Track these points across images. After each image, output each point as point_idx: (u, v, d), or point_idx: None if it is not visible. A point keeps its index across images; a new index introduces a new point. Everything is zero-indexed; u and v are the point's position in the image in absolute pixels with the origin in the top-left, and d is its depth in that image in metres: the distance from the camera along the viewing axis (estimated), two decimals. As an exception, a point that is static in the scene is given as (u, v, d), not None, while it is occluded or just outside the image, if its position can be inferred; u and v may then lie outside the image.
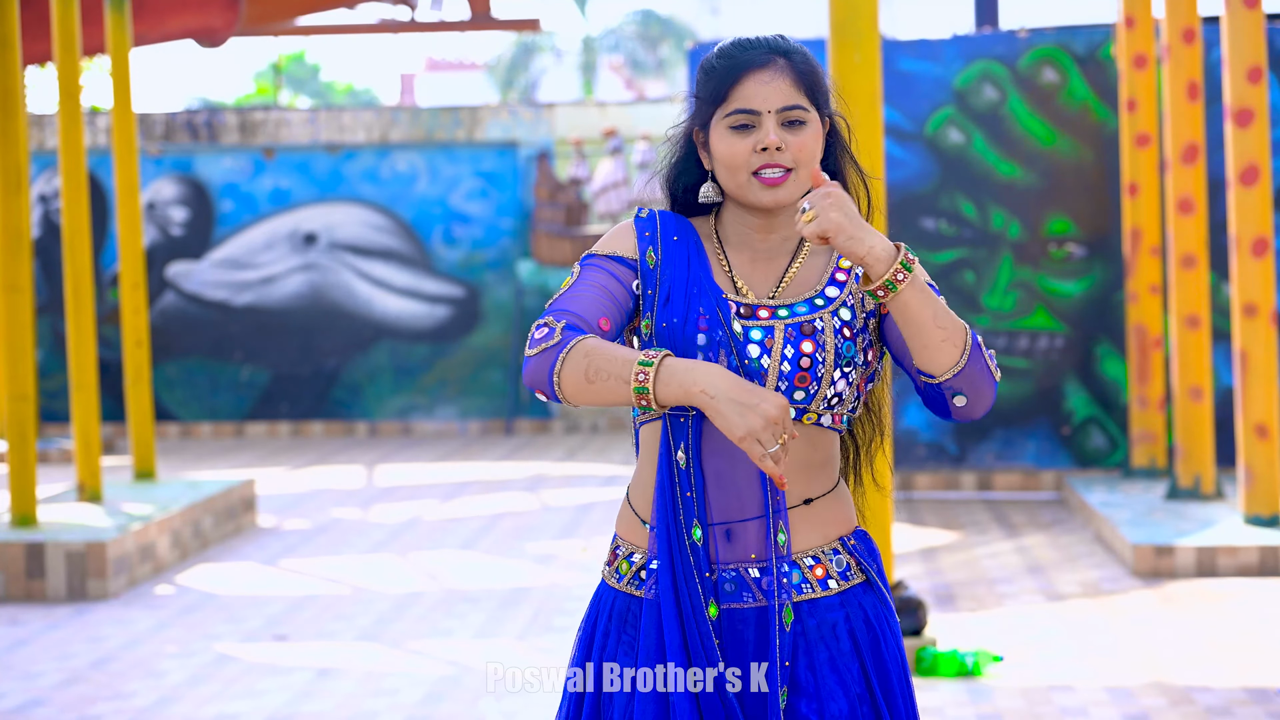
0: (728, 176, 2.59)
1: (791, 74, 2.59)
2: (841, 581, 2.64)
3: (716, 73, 2.59)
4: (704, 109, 2.60)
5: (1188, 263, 8.77)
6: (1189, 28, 8.71)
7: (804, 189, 2.59)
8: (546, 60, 39.08)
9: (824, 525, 2.64)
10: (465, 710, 5.84)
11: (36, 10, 10.15)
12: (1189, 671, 6.11)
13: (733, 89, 2.57)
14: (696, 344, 2.54)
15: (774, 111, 2.56)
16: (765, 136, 2.55)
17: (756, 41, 2.62)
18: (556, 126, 15.08)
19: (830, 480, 2.65)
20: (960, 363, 2.50)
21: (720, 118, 2.58)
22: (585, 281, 2.58)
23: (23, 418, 8.22)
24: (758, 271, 2.62)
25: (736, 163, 2.57)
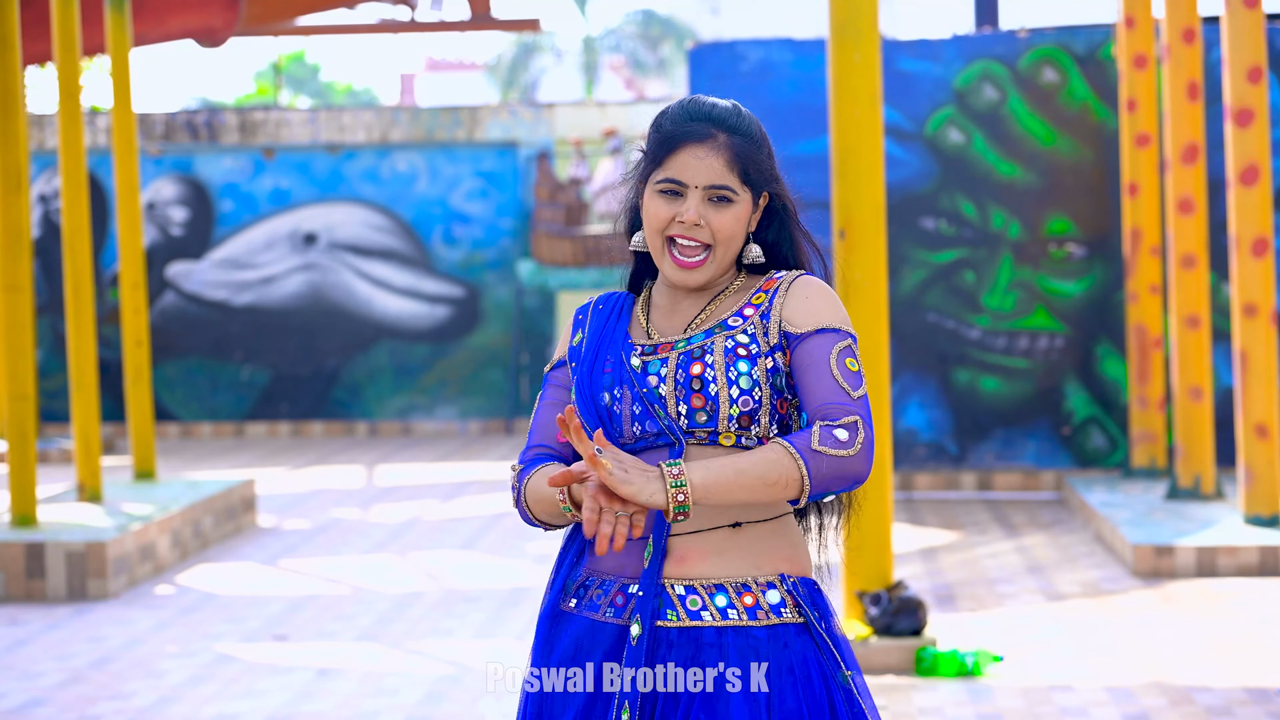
0: (649, 236, 2.68)
1: (729, 152, 2.65)
2: (773, 616, 2.61)
3: (660, 135, 2.68)
4: (646, 165, 2.70)
5: (1188, 263, 8.77)
6: (1189, 28, 8.71)
7: (724, 266, 2.68)
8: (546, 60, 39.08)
9: (758, 556, 2.63)
10: (465, 710, 5.84)
11: (36, 10, 10.15)
12: (1189, 671, 6.11)
13: (669, 157, 2.66)
14: (604, 384, 2.66)
15: (700, 188, 2.64)
16: (686, 211, 2.64)
17: (705, 112, 2.67)
18: (556, 126, 15.08)
19: (767, 509, 2.65)
20: (807, 489, 2.53)
21: (653, 180, 2.67)
22: (542, 405, 2.74)
23: (23, 418, 8.22)
24: (674, 319, 2.71)
25: (656, 225, 2.66)
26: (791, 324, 2.64)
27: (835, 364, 2.59)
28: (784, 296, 2.66)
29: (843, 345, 2.62)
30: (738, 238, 2.67)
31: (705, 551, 2.61)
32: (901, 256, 10.39)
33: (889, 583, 6.28)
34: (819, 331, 2.62)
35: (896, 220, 10.27)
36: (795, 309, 2.65)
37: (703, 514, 2.60)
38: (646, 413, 2.63)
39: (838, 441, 2.52)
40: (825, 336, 2.62)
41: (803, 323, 2.63)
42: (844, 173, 6.22)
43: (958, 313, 10.45)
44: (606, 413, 2.66)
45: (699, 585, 2.61)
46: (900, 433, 10.35)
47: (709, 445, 2.62)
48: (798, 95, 10.49)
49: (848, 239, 6.20)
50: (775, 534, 2.65)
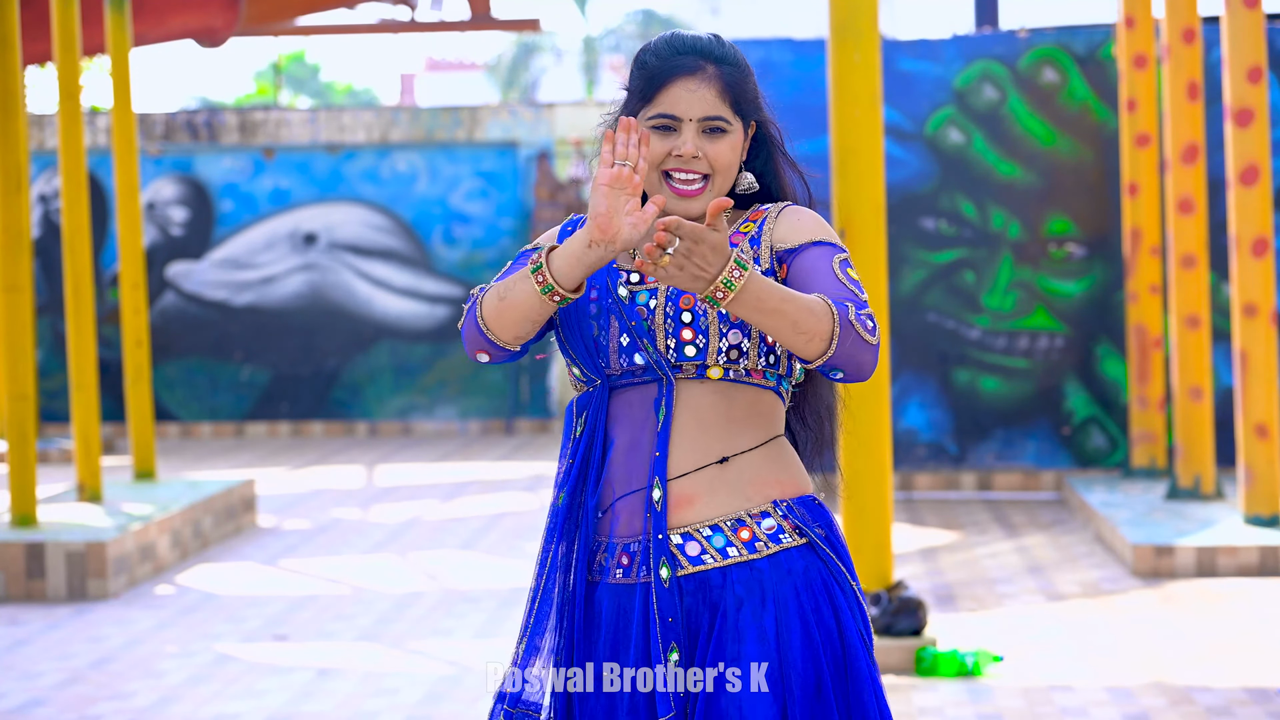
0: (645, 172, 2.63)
1: (719, 83, 2.66)
2: (771, 544, 2.59)
3: (647, 71, 2.64)
4: (633, 103, 2.66)
5: (1188, 263, 8.77)
6: (1189, 28, 8.71)
7: (720, 195, 2.64)
8: (547, 60, 39.08)
9: (748, 486, 2.61)
10: (465, 710, 5.84)
11: (36, 10, 10.15)
12: (1189, 671, 6.11)
13: (659, 92, 2.63)
14: (589, 313, 2.62)
15: (695, 120, 2.63)
16: (683, 145, 2.62)
17: (690, 44, 2.67)
18: (556, 126, 15.08)
19: (755, 437, 2.62)
20: (828, 353, 2.48)
21: (644, 117, 2.64)
22: (512, 268, 2.67)
23: (23, 418, 8.22)
24: None
25: (652, 161, 2.62)
26: (784, 242, 2.62)
27: (839, 270, 2.58)
28: (774, 223, 2.65)
29: (841, 257, 2.60)
30: (734, 166, 2.67)
31: (694, 495, 2.58)
32: (901, 256, 10.39)
33: (889, 583, 6.28)
34: (815, 244, 2.61)
35: (896, 220, 10.27)
36: (786, 230, 2.64)
37: (690, 451, 2.58)
38: (634, 345, 2.60)
39: (867, 328, 2.49)
40: (821, 248, 2.61)
41: (795, 239, 2.62)
42: (844, 173, 6.23)
43: (958, 313, 10.45)
44: (593, 344, 2.62)
45: (694, 530, 2.59)
46: (900, 433, 10.35)
47: (697, 380, 2.59)
48: (798, 95, 10.49)
49: (848, 239, 6.20)
50: (765, 459, 2.62)
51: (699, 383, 2.59)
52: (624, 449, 2.61)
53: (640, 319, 2.60)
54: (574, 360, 2.64)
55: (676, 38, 2.67)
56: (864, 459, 6.13)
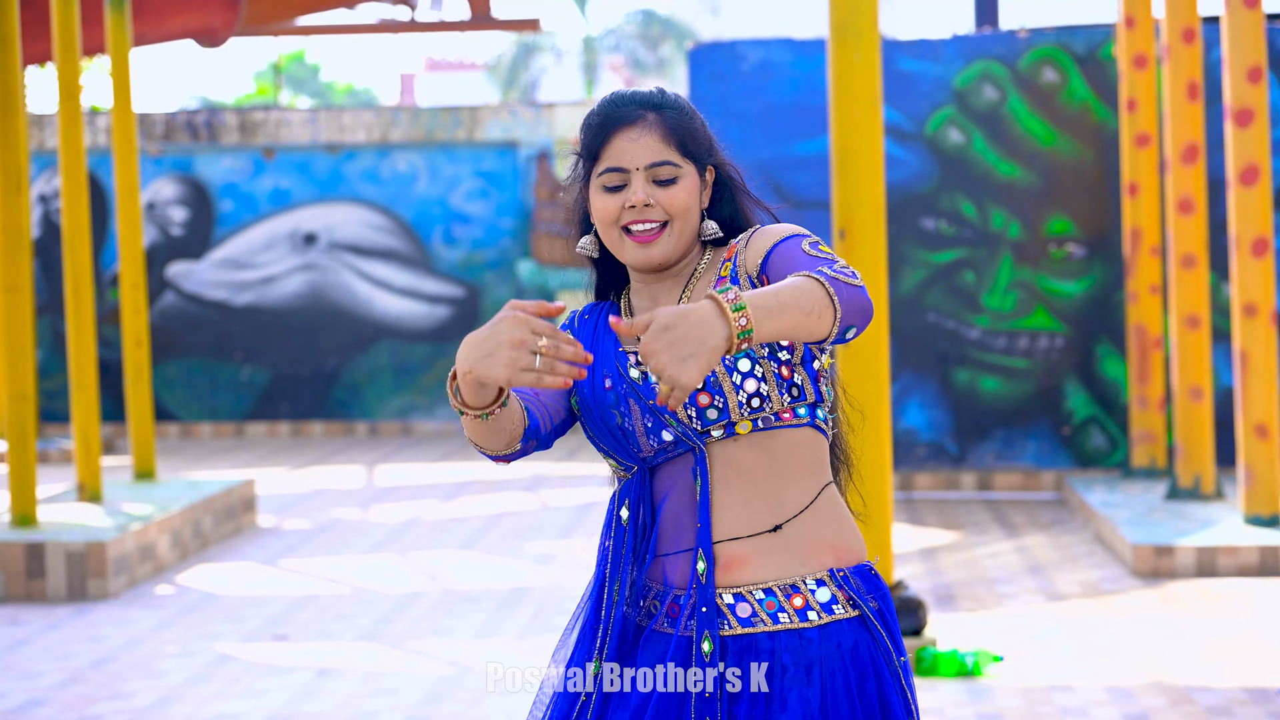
0: (603, 233, 2.62)
1: (661, 128, 2.61)
2: (824, 615, 2.54)
3: (590, 130, 2.62)
4: (584, 166, 2.64)
5: (1188, 263, 8.77)
6: (1189, 28, 8.71)
7: (684, 242, 2.61)
8: (547, 60, 39.09)
9: (803, 550, 2.55)
10: (465, 710, 5.84)
11: (36, 10, 10.15)
12: (1189, 671, 6.11)
13: (604, 147, 2.60)
14: (609, 403, 2.58)
15: (642, 169, 2.59)
16: (634, 194, 2.58)
17: (629, 97, 2.63)
18: (557, 126, 15.08)
19: (804, 489, 2.57)
20: (838, 315, 2.43)
21: (595, 177, 2.61)
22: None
23: (23, 418, 8.22)
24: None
25: (607, 220, 2.59)
26: (755, 258, 2.58)
27: (809, 250, 2.54)
28: (744, 250, 2.61)
29: (809, 240, 2.56)
30: (692, 210, 2.62)
31: (749, 556, 2.54)
32: (901, 256, 10.39)
33: (889, 583, 6.28)
34: (780, 241, 2.58)
35: (896, 220, 10.27)
36: (753, 250, 2.60)
37: (740, 511, 2.53)
38: (659, 423, 2.56)
39: (848, 274, 2.45)
40: (789, 240, 2.57)
41: (762, 249, 2.58)
42: (844, 173, 6.22)
43: (958, 313, 10.45)
44: (620, 432, 2.57)
45: (747, 592, 2.54)
46: (900, 433, 10.35)
47: (729, 439, 2.54)
48: (798, 95, 10.49)
49: (848, 239, 6.20)
50: (818, 519, 2.57)
51: (731, 441, 2.54)
52: (671, 519, 2.56)
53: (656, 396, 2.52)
54: (606, 452, 2.60)
55: (616, 94, 2.65)
56: (864, 459, 6.12)
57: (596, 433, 2.60)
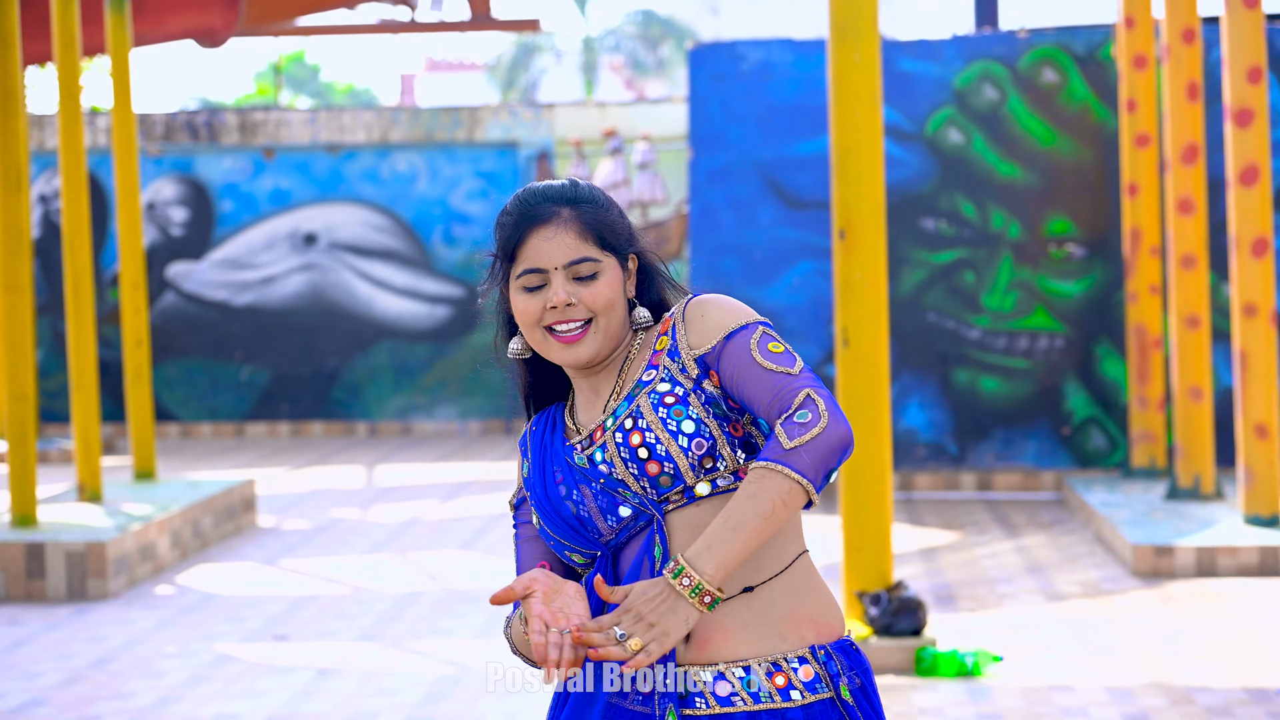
0: (527, 335, 2.56)
1: (578, 224, 2.52)
2: (808, 694, 2.47)
3: (505, 231, 2.56)
4: (501, 267, 2.59)
5: (1188, 263, 8.77)
6: (1189, 28, 8.72)
7: (611, 336, 2.54)
8: (546, 60, 39.09)
9: (782, 624, 2.48)
10: (465, 710, 5.84)
11: (36, 10, 10.15)
12: (1189, 671, 6.11)
13: (520, 248, 2.53)
14: (561, 497, 2.54)
15: (560, 268, 2.51)
16: (555, 295, 2.51)
17: (541, 193, 2.55)
18: (556, 127, 15.08)
19: (778, 558, 2.50)
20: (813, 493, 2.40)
21: (514, 278, 2.55)
22: (519, 545, 2.64)
23: (23, 418, 8.22)
24: (596, 405, 2.57)
25: (531, 320, 2.54)
26: (699, 347, 2.50)
27: (759, 356, 2.46)
28: (683, 327, 2.52)
29: (756, 336, 2.48)
30: (616, 303, 2.54)
31: (727, 630, 2.47)
32: (901, 256, 10.39)
33: (889, 583, 6.28)
34: (727, 338, 2.48)
35: (896, 220, 10.27)
36: (696, 333, 2.51)
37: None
38: (613, 501, 2.49)
39: (804, 426, 2.38)
40: (736, 338, 2.48)
41: (708, 339, 2.50)
42: (844, 173, 6.22)
43: (958, 313, 10.45)
44: (577, 521, 2.52)
45: (726, 670, 2.47)
46: (900, 433, 10.35)
47: (688, 503, 2.48)
48: (798, 95, 10.49)
49: (848, 239, 6.20)
50: (793, 589, 2.50)
51: (694, 506, 2.48)
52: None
53: (606, 475, 2.49)
54: (571, 548, 2.54)
55: (528, 191, 2.57)
56: (864, 459, 6.14)
57: (557, 530, 2.53)
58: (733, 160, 10.49)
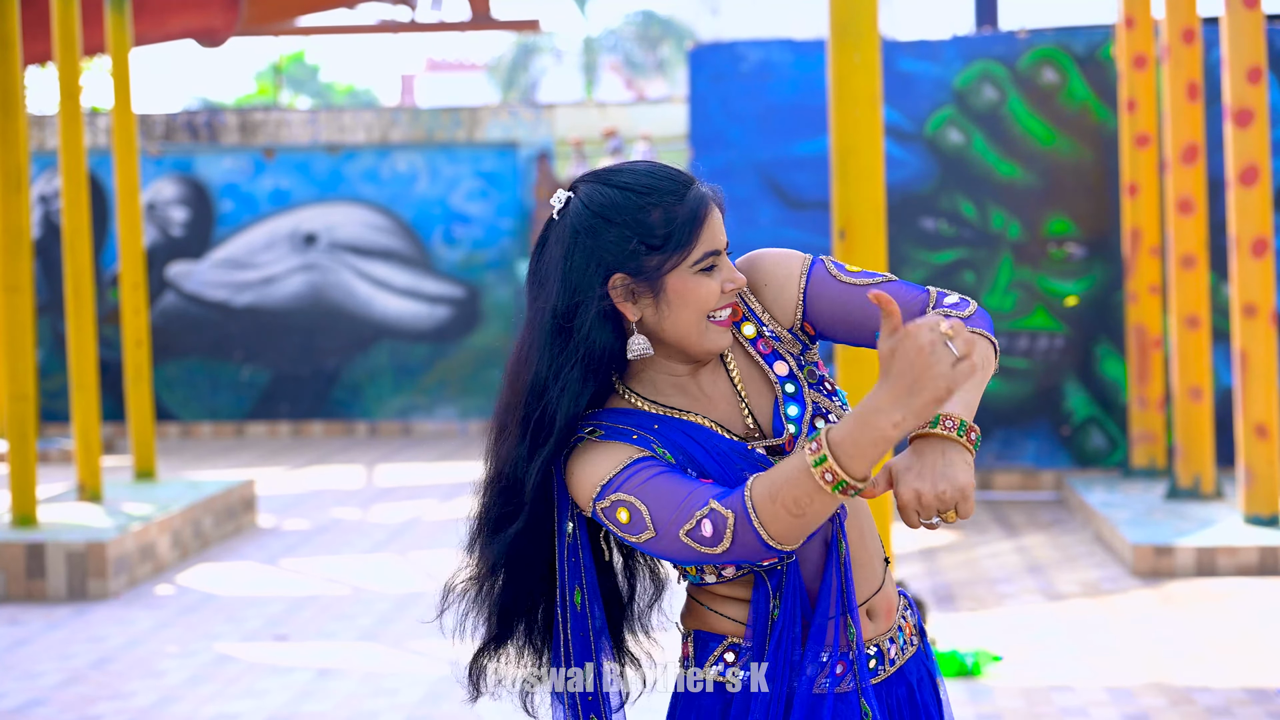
0: (691, 323, 2.36)
1: (722, 206, 2.42)
2: (917, 636, 2.54)
3: (679, 214, 2.35)
4: (665, 258, 2.34)
5: (1187, 263, 8.77)
6: (1189, 28, 8.72)
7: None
8: (546, 61, 39.10)
9: (890, 588, 2.51)
10: (465, 710, 5.84)
11: (36, 10, 10.16)
12: (1189, 671, 6.11)
13: (699, 229, 2.35)
14: None
15: (724, 248, 2.40)
16: (733, 276, 2.38)
17: (688, 175, 2.41)
18: (556, 127, 15.08)
19: (875, 530, 2.51)
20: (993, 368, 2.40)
21: (690, 263, 2.35)
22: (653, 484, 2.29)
23: (23, 418, 8.22)
24: (713, 402, 2.42)
25: (707, 306, 2.36)
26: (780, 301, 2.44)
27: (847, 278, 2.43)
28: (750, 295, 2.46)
29: (824, 266, 2.44)
30: None
31: (889, 599, 2.47)
32: (901, 256, 10.39)
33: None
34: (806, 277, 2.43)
35: (896, 220, 10.27)
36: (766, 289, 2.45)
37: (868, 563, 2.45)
38: None
39: (959, 305, 2.40)
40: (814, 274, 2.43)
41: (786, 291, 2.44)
42: (844, 173, 6.22)
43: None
44: None
45: (894, 635, 2.49)
46: (900, 433, 10.34)
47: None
48: (798, 95, 10.49)
49: (848, 239, 6.20)
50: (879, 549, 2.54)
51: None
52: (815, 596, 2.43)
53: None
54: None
55: (673, 171, 2.41)
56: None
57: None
58: (733, 160, 10.49)
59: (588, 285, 2.34)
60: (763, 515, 2.20)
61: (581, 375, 2.35)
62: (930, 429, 2.25)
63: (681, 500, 2.25)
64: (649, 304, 2.36)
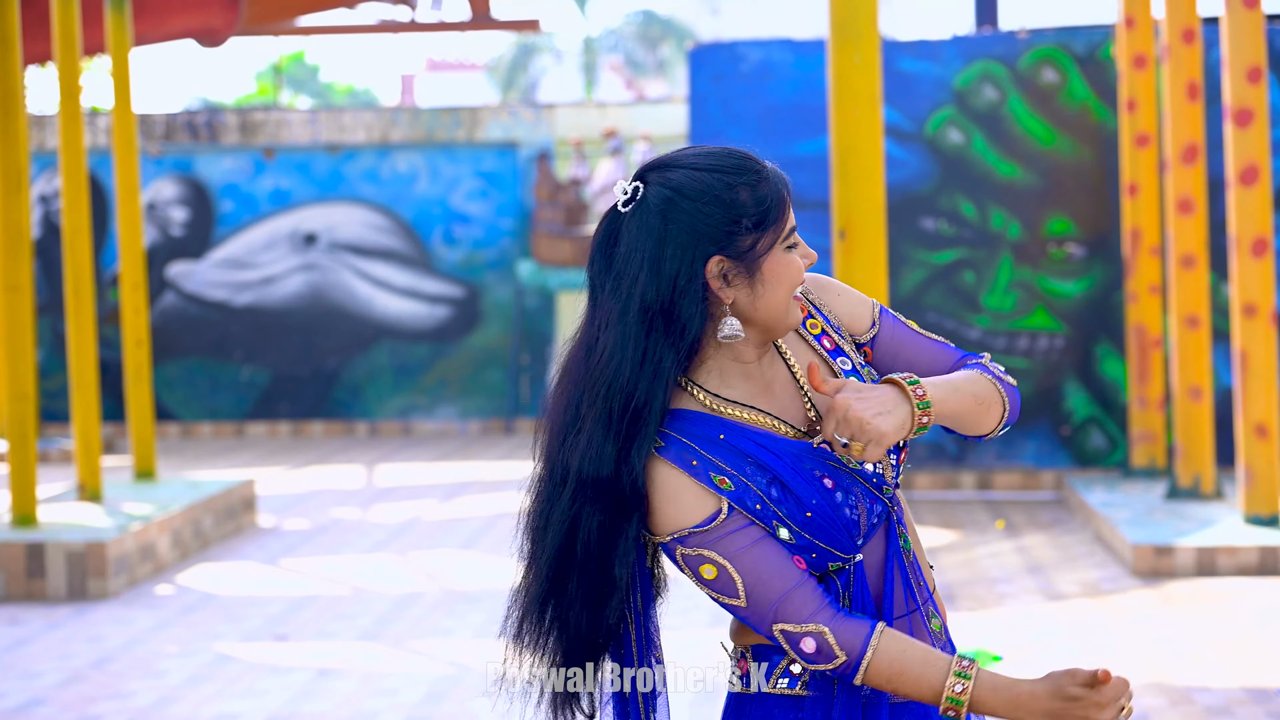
0: (782, 300, 2.34)
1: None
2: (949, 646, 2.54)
3: (770, 195, 2.33)
4: (766, 236, 2.32)
5: (1187, 263, 8.77)
6: (1189, 28, 8.72)
7: None
8: (546, 61, 39.10)
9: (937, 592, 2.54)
10: (465, 710, 5.84)
11: (36, 10, 10.15)
12: (1189, 671, 6.11)
13: (788, 207, 2.35)
14: (839, 503, 2.34)
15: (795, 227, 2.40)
16: (806, 250, 2.37)
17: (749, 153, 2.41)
18: (556, 127, 15.09)
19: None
20: (1002, 420, 2.43)
21: (781, 241, 2.32)
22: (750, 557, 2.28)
23: (23, 418, 8.23)
24: (768, 394, 2.39)
25: (798, 281, 2.34)
26: (855, 328, 2.47)
27: (918, 329, 2.52)
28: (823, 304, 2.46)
29: (897, 316, 2.52)
30: None
31: (940, 603, 2.49)
32: (901, 256, 10.39)
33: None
34: (880, 319, 2.48)
35: (896, 220, 10.27)
36: (842, 310, 2.47)
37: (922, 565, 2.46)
38: (871, 498, 2.37)
39: (1001, 371, 2.43)
40: (884, 316, 2.49)
41: (861, 319, 2.48)
42: (844, 173, 6.22)
43: (958, 313, 10.45)
44: (853, 525, 2.35)
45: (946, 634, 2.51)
46: (900, 433, 10.34)
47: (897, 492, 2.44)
48: (798, 95, 10.49)
49: (848, 239, 6.20)
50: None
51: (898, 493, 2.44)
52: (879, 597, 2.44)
53: (872, 470, 2.37)
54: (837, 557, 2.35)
55: (739, 152, 2.39)
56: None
57: (833, 540, 2.34)
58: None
59: (685, 271, 2.28)
60: (870, 677, 2.27)
61: (673, 365, 2.29)
62: (904, 381, 2.30)
63: (787, 591, 2.27)
64: (743, 285, 2.31)
